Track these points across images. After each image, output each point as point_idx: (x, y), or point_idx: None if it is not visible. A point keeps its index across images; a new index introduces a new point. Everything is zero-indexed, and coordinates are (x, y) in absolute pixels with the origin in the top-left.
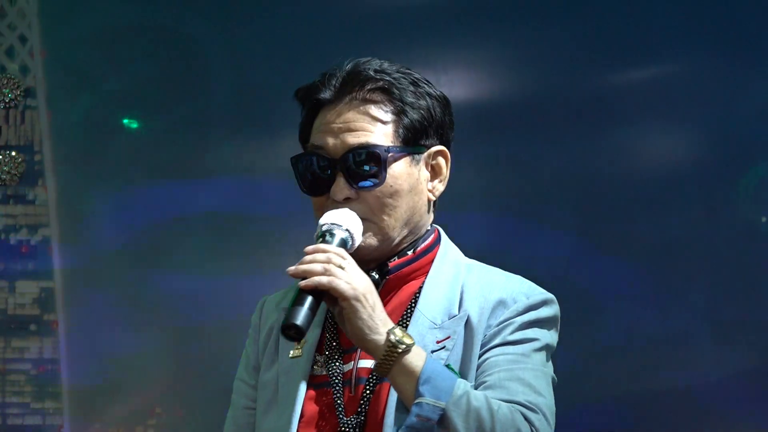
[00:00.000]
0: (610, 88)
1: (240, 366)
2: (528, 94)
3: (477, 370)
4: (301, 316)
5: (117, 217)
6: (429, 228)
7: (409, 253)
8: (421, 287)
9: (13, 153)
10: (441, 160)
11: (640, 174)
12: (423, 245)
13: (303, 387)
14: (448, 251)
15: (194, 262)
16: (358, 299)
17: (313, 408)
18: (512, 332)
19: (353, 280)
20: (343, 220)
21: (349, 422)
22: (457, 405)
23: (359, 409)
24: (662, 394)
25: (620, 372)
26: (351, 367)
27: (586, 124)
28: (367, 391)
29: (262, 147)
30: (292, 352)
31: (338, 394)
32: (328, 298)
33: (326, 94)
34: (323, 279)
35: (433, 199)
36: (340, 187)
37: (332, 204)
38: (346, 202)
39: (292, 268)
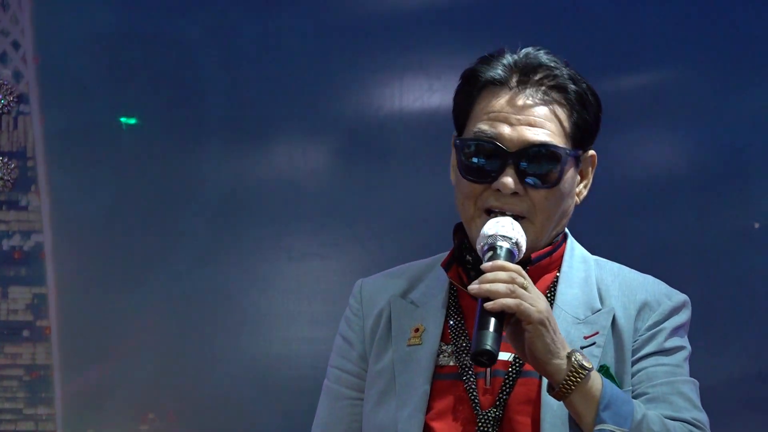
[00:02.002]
0: (602, 94)
1: (336, 354)
2: None
3: (633, 377)
4: (490, 341)
5: (110, 224)
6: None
7: (548, 245)
8: (554, 282)
9: (6, 159)
10: (589, 164)
11: (633, 180)
12: (558, 240)
13: (429, 377)
14: (575, 246)
15: (187, 268)
16: (543, 323)
17: (443, 400)
18: (665, 339)
19: (537, 303)
20: (510, 232)
21: (487, 415)
22: (638, 431)
23: (497, 402)
24: None
25: None
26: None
27: None
28: (507, 386)
29: (255, 154)
30: (409, 339)
31: (472, 387)
32: (507, 317)
33: (500, 76)
34: (510, 301)
35: (578, 202)
36: (512, 181)
37: (491, 193)
38: (509, 196)
39: (475, 286)
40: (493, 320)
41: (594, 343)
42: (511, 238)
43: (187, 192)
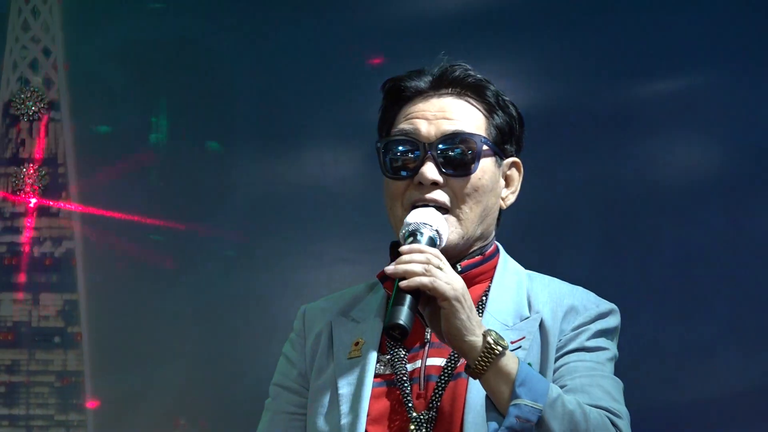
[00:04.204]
0: (634, 99)
1: (277, 372)
2: (551, 104)
3: (554, 374)
4: (404, 316)
5: (141, 230)
6: (493, 236)
7: (478, 255)
8: (486, 291)
9: (37, 165)
10: (515, 171)
11: (664, 184)
12: (489, 250)
13: (368, 385)
14: (508, 260)
15: (218, 273)
16: (458, 300)
17: (380, 405)
18: (588, 339)
19: (453, 281)
20: (432, 220)
21: (420, 418)
22: (553, 407)
23: (430, 405)
24: (687, 406)
25: (643, 385)
26: (419, 365)
27: (610, 134)
28: (439, 388)
29: (286, 160)
30: (350, 353)
31: (406, 391)
32: (423, 298)
33: (420, 86)
34: (425, 279)
35: (504, 208)
36: (431, 171)
37: (414, 188)
38: (431, 188)
39: (391, 267)
40: (409, 298)
41: (520, 347)
42: (431, 225)
43: (218, 197)
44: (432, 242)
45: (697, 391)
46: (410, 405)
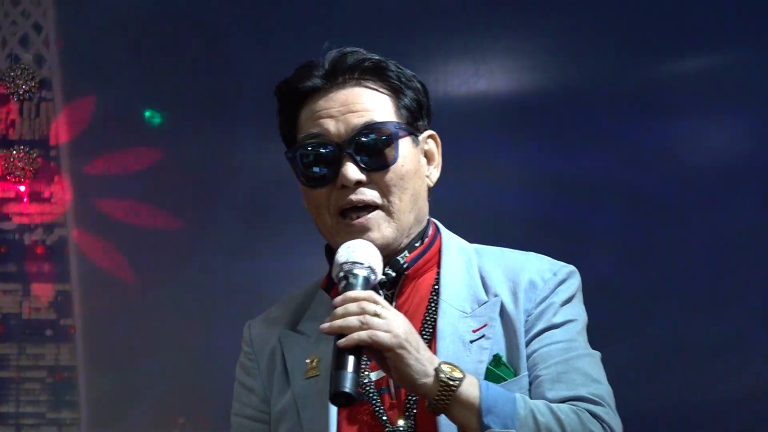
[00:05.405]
0: (660, 78)
1: (236, 402)
2: (573, 84)
3: (528, 360)
4: (348, 382)
5: (138, 217)
6: (428, 218)
7: (418, 245)
8: (437, 278)
9: (28, 148)
10: (432, 144)
11: (693, 169)
12: (429, 233)
13: (333, 406)
14: (451, 239)
15: (220, 263)
16: (402, 347)
17: (351, 425)
18: (554, 314)
19: (393, 327)
20: (363, 257)
21: (399, 430)
22: (527, 427)
23: (407, 414)
24: (718, 403)
25: (673, 380)
26: (384, 374)
27: (635, 116)
28: (412, 395)
29: None
30: (306, 372)
31: (377, 404)
32: (369, 349)
33: (315, 82)
34: (363, 335)
35: (431, 185)
36: (352, 170)
37: (338, 192)
38: (356, 187)
39: (326, 325)
40: (350, 358)
41: (483, 336)
42: (362, 263)
43: (220, 184)
44: (366, 282)
45: (728, 388)
46: (384, 418)
